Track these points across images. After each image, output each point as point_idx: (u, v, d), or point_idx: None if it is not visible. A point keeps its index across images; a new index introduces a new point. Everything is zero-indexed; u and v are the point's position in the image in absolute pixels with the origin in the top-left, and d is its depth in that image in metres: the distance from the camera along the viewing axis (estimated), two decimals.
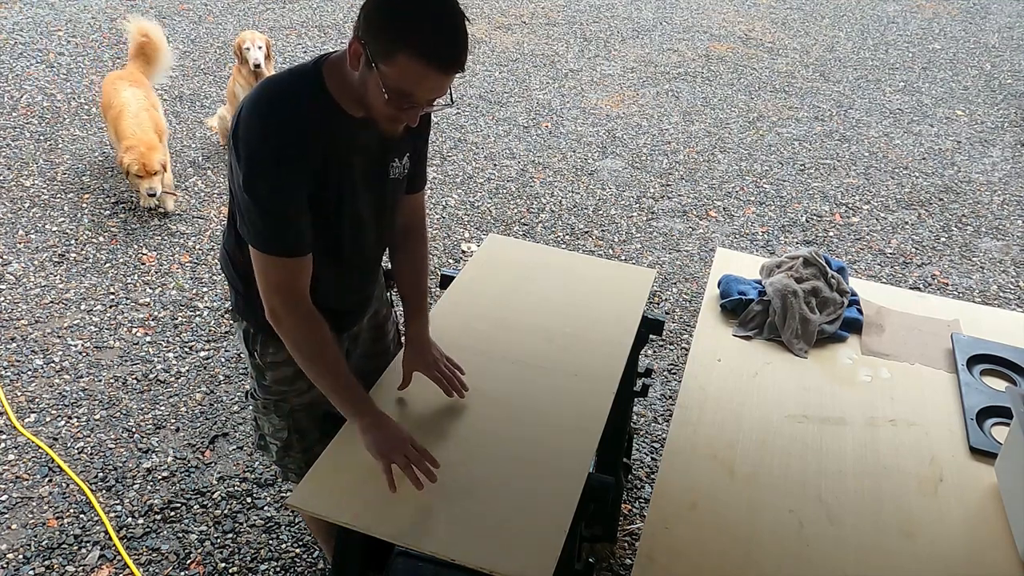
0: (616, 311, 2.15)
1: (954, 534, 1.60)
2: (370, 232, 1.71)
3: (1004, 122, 5.75)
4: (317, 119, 1.50)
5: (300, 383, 1.79)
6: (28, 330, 3.25)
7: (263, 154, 1.47)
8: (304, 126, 1.49)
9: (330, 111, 1.51)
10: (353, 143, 1.56)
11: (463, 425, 1.74)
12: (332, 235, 1.63)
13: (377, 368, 1.94)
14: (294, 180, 1.48)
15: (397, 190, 1.75)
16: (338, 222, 1.62)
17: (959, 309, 2.34)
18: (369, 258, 1.81)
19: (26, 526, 2.47)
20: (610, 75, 6.13)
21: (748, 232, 4.28)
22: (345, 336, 1.88)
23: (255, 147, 1.47)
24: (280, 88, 1.52)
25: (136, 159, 3.79)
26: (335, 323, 1.79)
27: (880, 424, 1.87)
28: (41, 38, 5.93)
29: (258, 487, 2.65)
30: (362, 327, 1.94)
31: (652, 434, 2.97)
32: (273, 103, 1.50)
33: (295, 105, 1.50)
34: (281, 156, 1.46)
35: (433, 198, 4.36)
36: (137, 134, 3.90)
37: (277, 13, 6.80)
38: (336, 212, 1.60)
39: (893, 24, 7.71)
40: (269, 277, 1.55)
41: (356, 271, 1.79)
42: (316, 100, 1.50)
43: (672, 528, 1.57)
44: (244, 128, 1.48)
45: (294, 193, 1.49)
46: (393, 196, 1.74)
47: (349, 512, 1.51)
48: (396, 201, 1.77)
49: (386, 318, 2.05)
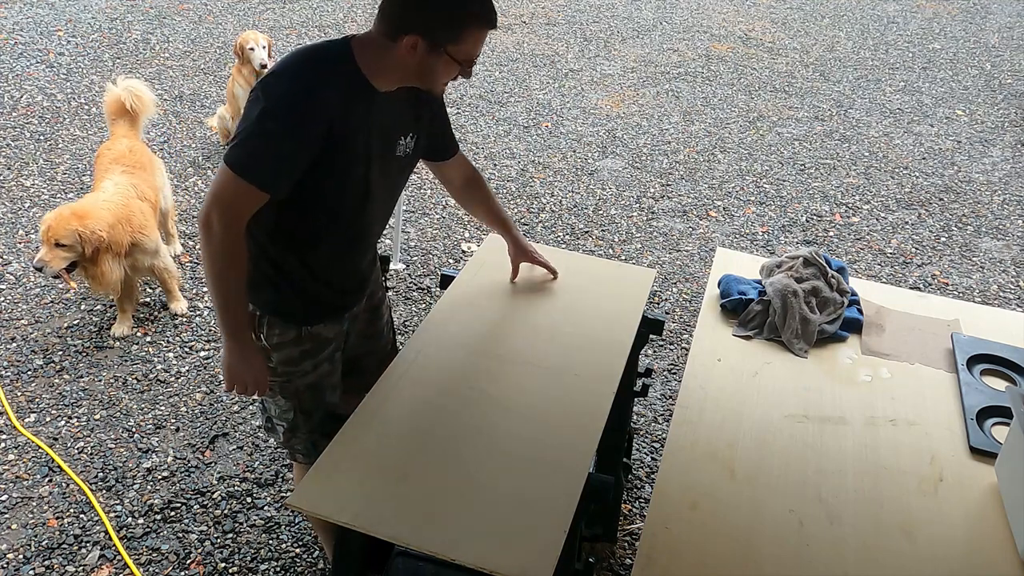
0: (616, 311, 2.15)
1: (954, 534, 1.60)
2: (374, 203, 1.80)
3: (1004, 122, 5.74)
4: (341, 81, 1.62)
5: (305, 363, 1.87)
6: (28, 330, 3.25)
7: (284, 94, 1.58)
8: (328, 82, 1.61)
9: (356, 78, 1.64)
10: (370, 111, 1.67)
11: (463, 425, 1.73)
12: (339, 198, 1.73)
13: (371, 350, 2.11)
14: (299, 124, 1.58)
15: (403, 168, 1.85)
16: (347, 185, 1.71)
17: (959, 309, 2.34)
18: (369, 231, 1.89)
19: (26, 526, 2.47)
20: (610, 75, 6.13)
21: (748, 232, 4.28)
22: (346, 317, 1.95)
23: (279, 87, 1.59)
24: (314, 50, 1.66)
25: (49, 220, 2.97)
26: (337, 303, 1.91)
27: (880, 424, 1.87)
28: (41, 38, 5.93)
29: (258, 487, 2.65)
30: (360, 308, 2.01)
31: (652, 434, 2.97)
32: (306, 60, 1.64)
33: (324, 65, 1.64)
34: (297, 98, 1.58)
35: (433, 198, 4.37)
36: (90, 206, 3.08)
37: (277, 13, 6.80)
38: (347, 174, 1.69)
39: (893, 24, 7.71)
40: (224, 194, 1.61)
41: (357, 242, 1.87)
42: (344, 65, 1.63)
43: (672, 528, 1.57)
44: (274, 72, 1.61)
45: (293, 135, 1.59)
46: (399, 173, 1.84)
47: (349, 512, 1.51)
48: (402, 179, 1.89)
49: (381, 300, 2.13)
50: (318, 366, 1.90)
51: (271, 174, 1.60)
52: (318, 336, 1.87)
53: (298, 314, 1.83)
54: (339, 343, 1.95)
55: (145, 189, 3.31)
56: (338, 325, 1.92)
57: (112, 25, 6.24)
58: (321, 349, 1.89)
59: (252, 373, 1.77)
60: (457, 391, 1.83)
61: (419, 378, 1.84)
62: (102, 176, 3.29)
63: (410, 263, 3.84)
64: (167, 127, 4.91)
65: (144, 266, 3.23)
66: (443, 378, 1.87)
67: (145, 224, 3.20)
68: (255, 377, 1.78)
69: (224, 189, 1.60)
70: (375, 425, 1.71)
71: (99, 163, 3.41)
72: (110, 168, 3.31)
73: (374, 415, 1.74)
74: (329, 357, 1.92)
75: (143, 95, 3.60)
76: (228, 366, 1.76)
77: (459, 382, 1.86)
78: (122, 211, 3.12)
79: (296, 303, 1.83)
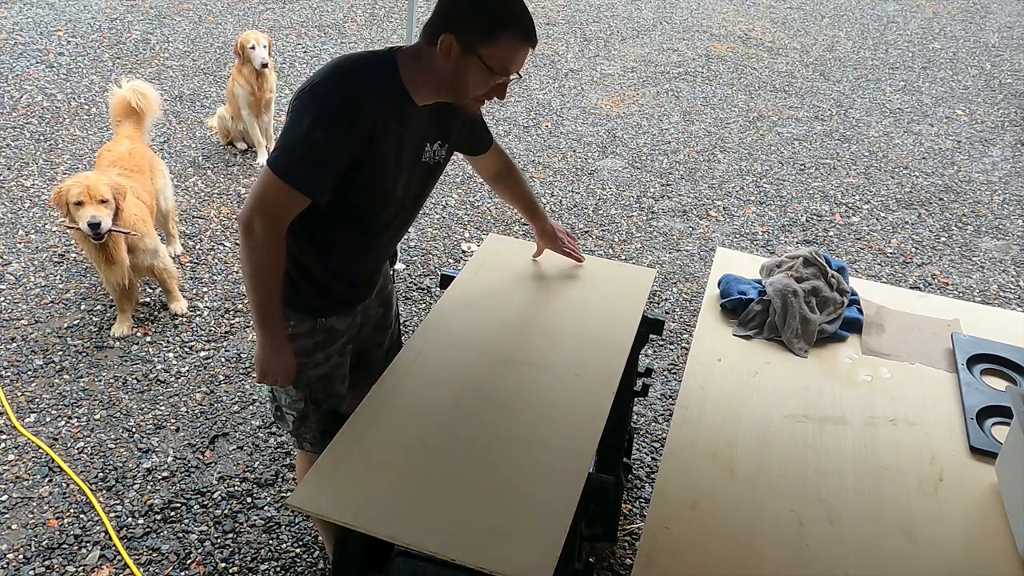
0: (616, 311, 2.15)
1: (954, 534, 1.60)
2: (400, 209, 1.84)
3: (1004, 121, 5.74)
4: (384, 94, 1.65)
5: (317, 355, 1.91)
6: (28, 330, 3.25)
7: (330, 102, 1.61)
8: (373, 93, 1.63)
9: (397, 91, 1.67)
10: (405, 124, 1.71)
11: (464, 425, 1.73)
12: (366, 203, 1.76)
13: (379, 342, 2.17)
14: (345, 134, 1.61)
15: (428, 176, 1.88)
16: (375, 192, 1.75)
17: (959, 309, 2.34)
18: (392, 234, 1.92)
19: (26, 526, 2.47)
20: (610, 75, 6.13)
21: (748, 232, 4.27)
22: (358, 309, 1.98)
23: (326, 96, 1.61)
24: (360, 60, 1.68)
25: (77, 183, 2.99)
26: (350, 297, 1.95)
27: (880, 424, 1.87)
28: (41, 38, 5.93)
29: (258, 487, 2.65)
30: (371, 301, 2.04)
31: (652, 434, 2.97)
32: (351, 69, 1.66)
33: (370, 76, 1.66)
34: (344, 109, 1.61)
35: (433, 198, 4.36)
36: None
37: (277, 13, 6.80)
38: (376, 181, 1.72)
39: (893, 24, 7.71)
40: (268, 198, 1.64)
41: (378, 244, 1.91)
42: (388, 77, 1.67)
43: (672, 528, 1.57)
44: (321, 80, 1.62)
45: (339, 145, 1.62)
46: (423, 181, 1.86)
47: (349, 512, 1.51)
48: (429, 185, 1.91)
49: (391, 292, 2.17)
50: (329, 358, 1.93)
51: (316, 180, 1.64)
52: (331, 328, 1.91)
53: (312, 307, 1.87)
54: (351, 335, 1.99)
55: (141, 192, 3.33)
56: (350, 317, 1.96)
57: (112, 25, 6.24)
58: (333, 341, 1.93)
59: (282, 364, 1.82)
60: (457, 391, 1.83)
61: (419, 378, 1.84)
62: None
63: (410, 263, 3.84)
64: (167, 127, 4.91)
65: (144, 266, 3.24)
66: (443, 378, 1.87)
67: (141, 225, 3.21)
68: (285, 368, 1.83)
69: (268, 192, 1.64)
70: (375, 425, 1.71)
71: (98, 164, 3.44)
72: (107, 171, 3.31)
73: (374, 415, 1.74)
74: (340, 349, 1.96)
75: (149, 95, 3.65)
76: (261, 359, 1.81)
77: (459, 382, 1.86)
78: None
79: (312, 296, 1.87)
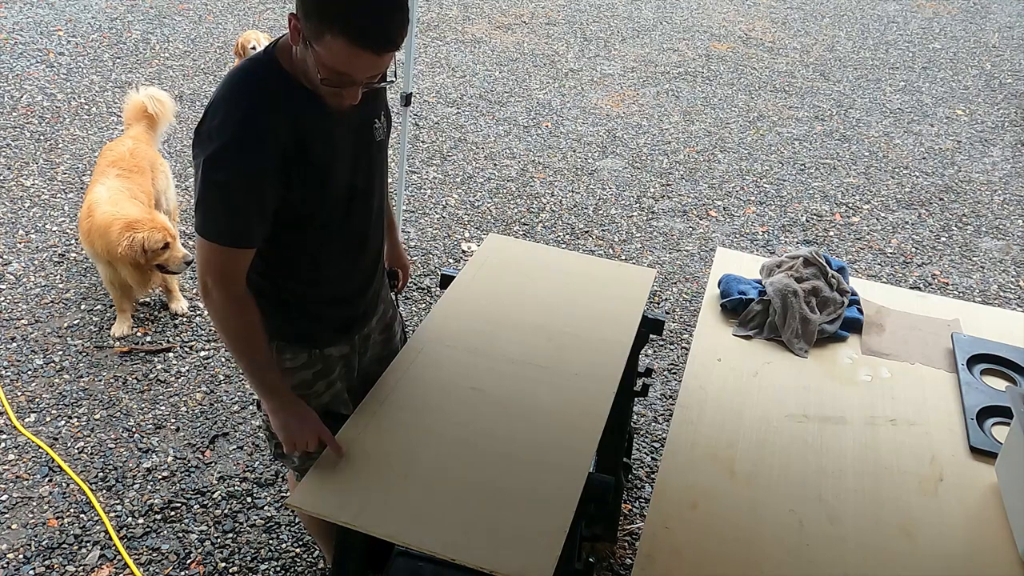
0: (616, 311, 2.15)
1: (954, 534, 1.60)
2: (370, 200, 1.74)
3: (1004, 122, 5.74)
4: (280, 101, 1.51)
5: (318, 384, 1.83)
6: (28, 330, 3.25)
7: (226, 141, 1.47)
8: (267, 110, 1.49)
9: (292, 89, 1.52)
10: (326, 115, 1.55)
11: (463, 425, 1.73)
12: (328, 210, 1.64)
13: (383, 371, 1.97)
14: (256, 167, 1.49)
15: (383, 152, 1.76)
16: (332, 195, 1.63)
17: (959, 309, 2.34)
18: (370, 234, 1.80)
19: (26, 526, 2.47)
20: (610, 75, 6.13)
21: (748, 232, 4.27)
22: (356, 339, 1.89)
23: (218, 134, 1.47)
24: (242, 77, 1.54)
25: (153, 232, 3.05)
26: (347, 325, 1.83)
27: (880, 424, 1.87)
28: (41, 38, 5.93)
29: (258, 487, 2.65)
30: (372, 328, 1.95)
31: (652, 434, 2.97)
32: (236, 92, 1.51)
33: (258, 91, 1.51)
34: (244, 143, 1.47)
35: (433, 198, 4.36)
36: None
37: (277, 13, 6.80)
38: (328, 183, 1.61)
39: (893, 24, 7.71)
40: (208, 261, 1.56)
41: (353, 244, 1.78)
42: (277, 81, 1.51)
43: (672, 528, 1.57)
44: (209, 118, 1.49)
45: (254, 181, 1.50)
46: (381, 160, 1.75)
47: (349, 512, 1.51)
48: (381, 164, 1.77)
49: (393, 318, 2.06)
50: (331, 385, 1.85)
51: (242, 229, 1.53)
52: (328, 357, 1.82)
53: (307, 336, 1.78)
54: (350, 362, 1.90)
55: (139, 193, 3.31)
56: (347, 345, 1.87)
57: (112, 25, 6.24)
58: (332, 369, 1.84)
59: (309, 427, 1.66)
60: (457, 391, 1.83)
61: (419, 378, 1.84)
62: (98, 178, 3.31)
63: (410, 263, 3.84)
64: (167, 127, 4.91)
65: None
66: (443, 378, 1.87)
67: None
68: (314, 430, 1.66)
69: (205, 256, 1.56)
70: (375, 425, 1.71)
71: (99, 162, 3.43)
72: (107, 171, 3.32)
73: (374, 415, 1.74)
74: (341, 376, 1.88)
75: (166, 102, 3.72)
76: (281, 427, 1.67)
77: (459, 382, 1.86)
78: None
79: (304, 325, 1.77)
